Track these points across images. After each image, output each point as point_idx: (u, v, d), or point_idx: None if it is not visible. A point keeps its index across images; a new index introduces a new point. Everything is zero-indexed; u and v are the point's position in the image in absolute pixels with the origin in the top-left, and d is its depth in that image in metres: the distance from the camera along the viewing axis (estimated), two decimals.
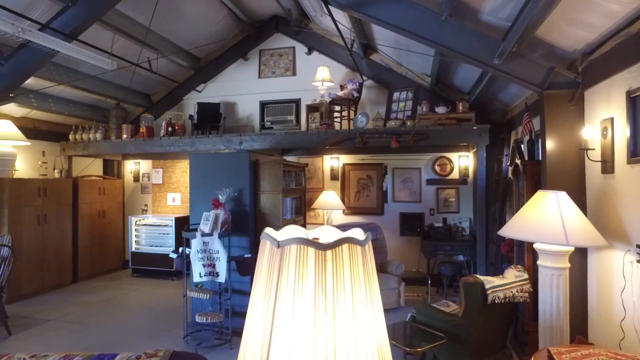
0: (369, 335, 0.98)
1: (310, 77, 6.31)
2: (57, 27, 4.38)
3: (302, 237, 0.98)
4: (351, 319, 0.95)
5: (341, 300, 0.95)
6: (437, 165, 6.39)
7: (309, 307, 0.92)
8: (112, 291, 6.19)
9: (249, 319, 1.03)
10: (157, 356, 1.48)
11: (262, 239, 1.04)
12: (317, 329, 0.92)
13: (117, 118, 6.72)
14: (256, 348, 0.97)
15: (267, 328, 0.96)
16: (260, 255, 1.04)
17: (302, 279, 0.94)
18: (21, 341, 4.27)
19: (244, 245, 4.13)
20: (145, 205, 7.63)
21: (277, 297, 0.96)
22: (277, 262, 0.98)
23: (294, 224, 3.94)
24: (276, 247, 0.98)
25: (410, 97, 5.68)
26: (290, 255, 0.95)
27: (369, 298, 1.00)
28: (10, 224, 5.54)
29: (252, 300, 1.03)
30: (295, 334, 0.92)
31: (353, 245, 0.99)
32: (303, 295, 0.93)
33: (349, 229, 1.21)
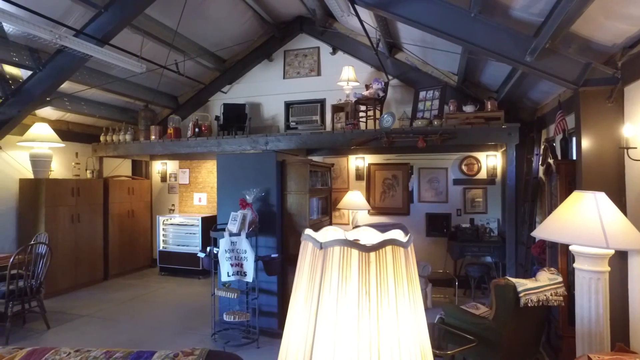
0: (412, 338, 0.97)
1: (335, 77, 6.31)
2: (90, 33, 4.52)
3: (345, 239, 0.97)
4: (395, 322, 0.94)
5: (385, 303, 0.94)
6: (464, 165, 6.27)
7: (352, 309, 0.92)
8: (141, 289, 6.34)
9: (290, 319, 1.03)
10: (193, 355, 1.50)
11: (304, 240, 1.04)
12: (361, 331, 0.92)
13: (146, 119, 6.87)
14: (298, 349, 0.97)
15: (309, 329, 0.96)
16: (302, 257, 1.04)
17: (346, 280, 0.93)
18: (58, 335, 4.43)
19: (270, 245, 4.16)
20: (172, 205, 7.78)
21: (320, 299, 0.96)
22: (319, 264, 0.97)
23: (320, 224, 3.97)
24: (318, 249, 0.98)
25: (436, 96, 5.61)
26: (334, 257, 0.95)
27: (412, 300, 0.99)
28: (47, 222, 5.74)
29: (293, 301, 1.04)
30: (339, 335, 0.92)
31: (396, 247, 0.98)
32: (347, 297, 0.93)
33: (385, 230, 1.20)
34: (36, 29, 3.89)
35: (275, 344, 4.11)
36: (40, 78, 4.98)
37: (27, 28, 3.83)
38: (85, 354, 1.52)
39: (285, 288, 4.29)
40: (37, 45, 5.01)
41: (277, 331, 4.23)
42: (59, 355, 1.50)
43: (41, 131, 5.78)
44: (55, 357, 1.49)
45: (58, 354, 1.50)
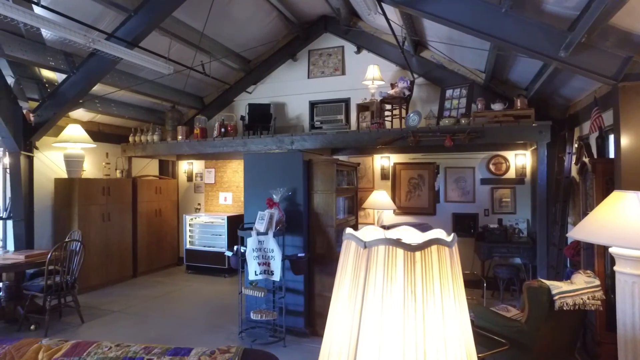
0: (458, 340, 0.95)
1: (359, 76, 6.28)
2: (121, 36, 4.64)
3: (390, 238, 0.96)
4: (441, 323, 0.92)
5: (430, 303, 0.92)
6: (492, 164, 6.15)
7: (398, 309, 0.91)
8: (168, 286, 6.46)
9: (332, 318, 1.03)
10: (230, 352, 1.51)
11: (346, 239, 1.03)
12: (406, 331, 0.91)
13: (173, 120, 7.00)
14: (342, 348, 0.97)
15: (354, 328, 0.95)
16: (345, 256, 1.03)
17: (391, 280, 0.92)
18: (92, 329, 4.56)
19: (297, 244, 4.17)
20: (198, 204, 7.91)
21: (365, 298, 0.95)
22: (363, 263, 0.97)
23: (346, 224, 3.94)
24: (362, 248, 0.97)
25: (464, 94, 5.51)
26: (378, 256, 0.94)
27: (457, 301, 0.98)
28: (80, 220, 5.93)
29: (335, 300, 1.03)
30: (384, 335, 0.91)
31: (441, 247, 0.96)
32: (392, 297, 0.92)
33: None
34: (71, 34, 4.02)
35: (302, 343, 4.13)
36: (74, 81, 5.14)
37: (64, 33, 3.96)
38: (125, 348, 1.55)
39: (312, 287, 4.30)
40: (71, 50, 5.17)
41: (303, 330, 4.24)
42: (101, 349, 1.54)
43: (74, 132, 5.97)
44: (97, 350, 1.53)
45: (100, 348, 1.54)
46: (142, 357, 1.48)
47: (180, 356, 1.48)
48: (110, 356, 1.49)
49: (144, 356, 1.49)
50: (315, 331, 4.29)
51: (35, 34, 4.77)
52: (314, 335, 4.28)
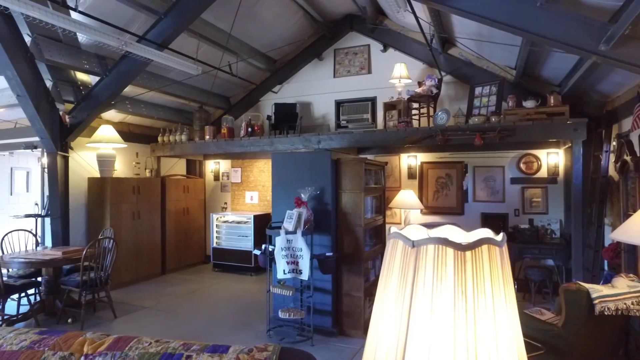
0: (510, 342, 0.92)
1: (385, 74, 6.22)
2: (151, 38, 4.74)
3: (440, 237, 0.94)
4: (492, 325, 0.90)
5: (482, 304, 0.90)
6: (523, 163, 5.98)
7: (448, 309, 0.88)
8: (196, 284, 6.57)
9: (378, 317, 1.01)
10: (267, 351, 1.51)
11: (393, 238, 1.02)
12: (457, 332, 0.88)
13: (200, 120, 7.12)
14: (389, 347, 0.95)
15: (402, 328, 0.93)
16: (391, 255, 1.01)
17: (441, 280, 0.90)
18: (125, 324, 4.69)
19: (325, 243, 4.16)
20: (225, 203, 8.02)
21: (413, 298, 0.93)
22: (411, 262, 0.95)
23: (374, 223, 3.88)
24: (410, 247, 0.95)
25: (494, 92, 5.38)
26: (427, 255, 0.92)
27: (509, 302, 0.94)
28: (111, 218, 6.10)
29: (381, 299, 1.01)
30: (434, 336, 0.89)
31: (492, 246, 0.93)
32: (442, 297, 0.89)
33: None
34: (105, 37, 4.14)
35: (329, 342, 4.12)
36: (106, 83, 5.29)
37: (98, 37, 4.08)
38: (164, 344, 1.58)
39: (339, 287, 4.28)
40: (104, 53, 5.32)
41: (331, 330, 4.23)
42: (141, 344, 1.56)
43: (106, 133, 6.14)
44: (138, 345, 1.55)
45: (141, 343, 1.57)
46: (182, 354, 1.50)
47: (219, 353, 1.49)
48: (151, 351, 1.52)
49: (183, 352, 1.51)
50: (342, 331, 4.27)
51: (72, 39, 4.93)
52: (341, 335, 4.27)
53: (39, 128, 5.18)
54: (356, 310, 4.22)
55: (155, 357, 1.48)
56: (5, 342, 1.45)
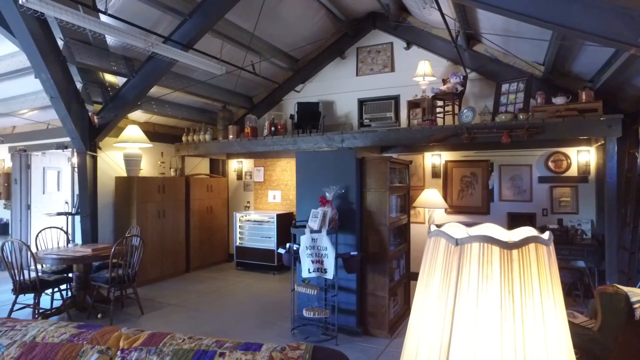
0: (560, 346, 0.89)
1: (409, 72, 6.15)
2: (176, 39, 4.81)
3: (485, 235, 0.91)
4: (541, 327, 0.86)
5: (530, 305, 0.87)
6: (551, 161, 5.81)
7: (494, 310, 0.86)
8: (219, 282, 6.64)
9: (420, 316, 0.99)
10: (300, 349, 1.51)
11: (434, 236, 0.99)
12: (504, 333, 0.85)
13: (224, 120, 7.19)
14: (432, 347, 0.93)
15: (445, 327, 0.91)
16: (432, 253, 0.99)
17: (487, 279, 0.88)
18: (152, 320, 4.78)
19: (349, 242, 4.14)
20: (248, 202, 8.08)
21: (457, 297, 0.90)
22: (455, 261, 0.92)
23: (398, 222, 3.81)
24: (454, 245, 0.93)
25: (521, 89, 5.25)
26: (472, 254, 0.90)
27: (557, 305, 0.91)
28: (138, 217, 6.22)
29: (423, 298, 0.99)
30: (479, 337, 0.86)
31: (539, 245, 0.90)
32: (488, 297, 0.87)
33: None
34: (133, 39, 4.22)
35: (354, 342, 4.10)
36: (133, 84, 5.40)
37: (126, 38, 4.17)
38: (197, 341, 1.59)
39: (364, 286, 4.25)
40: (131, 54, 5.43)
41: (355, 329, 4.21)
42: (175, 340, 1.58)
43: (133, 133, 6.27)
44: (172, 341, 1.57)
45: (174, 339, 1.58)
46: (215, 351, 1.51)
47: (251, 351, 1.49)
48: (185, 348, 1.53)
49: (216, 350, 1.51)
50: (367, 330, 4.25)
51: (101, 41, 5.06)
52: (366, 335, 4.24)
53: (70, 128, 5.34)
54: (381, 310, 4.19)
55: (189, 353, 1.49)
56: (47, 335, 1.49)
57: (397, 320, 4.51)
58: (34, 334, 1.52)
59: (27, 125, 7.24)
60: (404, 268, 4.86)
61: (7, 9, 3.91)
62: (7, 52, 5.29)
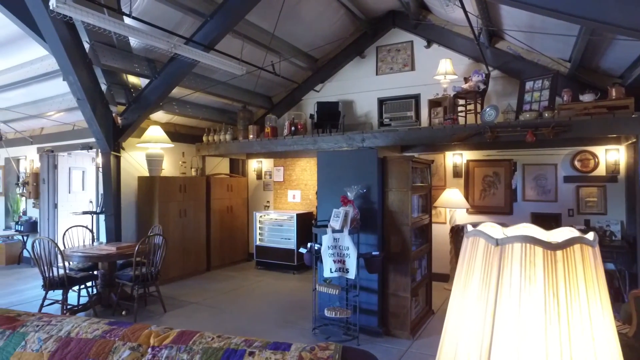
0: (609, 351, 0.86)
1: (429, 71, 6.08)
2: (198, 40, 4.86)
3: (527, 235, 0.89)
4: (589, 331, 0.83)
5: (576, 308, 0.84)
6: (578, 160, 5.66)
7: (538, 312, 0.83)
8: (240, 281, 6.69)
9: (458, 316, 0.97)
10: (329, 349, 1.50)
11: (473, 236, 0.97)
12: (549, 337, 0.83)
13: (244, 120, 7.24)
14: (471, 348, 0.91)
15: (486, 329, 0.89)
16: (471, 253, 0.97)
17: (530, 280, 0.85)
18: (174, 318, 4.85)
19: (371, 242, 4.11)
20: (268, 202, 8.12)
21: (498, 299, 0.88)
22: (495, 261, 0.90)
23: (420, 222, 3.75)
24: (494, 245, 0.91)
25: (546, 86, 5.13)
26: (514, 255, 0.87)
27: (605, 308, 0.88)
28: (160, 216, 6.32)
29: (462, 299, 0.97)
30: (523, 340, 0.84)
31: (585, 246, 0.87)
32: (531, 299, 0.84)
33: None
34: (156, 40, 4.28)
35: (375, 342, 4.07)
36: (155, 85, 5.48)
37: (150, 40, 4.23)
38: (226, 340, 1.59)
39: (386, 287, 4.22)
40: (153, 56, 5.52)
41: (377, 330, 4.18)
42: (204, 338, 1.59)
43: (155, 133, 6.37)
44: (201, 340, 1.58)
45: (204, 338, 1.59)
46: (244, 350, 1.51)
47: (281, 350, 1.49)
48: (214, 346, 1.54)
49: (245, 348, 1.52)
50: (388, 331, 4.21)
51: (124, 43, 5.15)
52: (387, 335, 4.21)
53: (95, 129, 5.45)
54: (402, 311, 4.15)
55: (219, 352, 1.50)
56: (81, 330, 1.52)
57: (418, 321, 4.46)
58: (68, 329, 1.55)
59: (54, 126, 7.44)
60: (426, 269, 4.81)
61: (38, 15, 4.02)
62: (37, 56, 5.46)
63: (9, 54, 5.56)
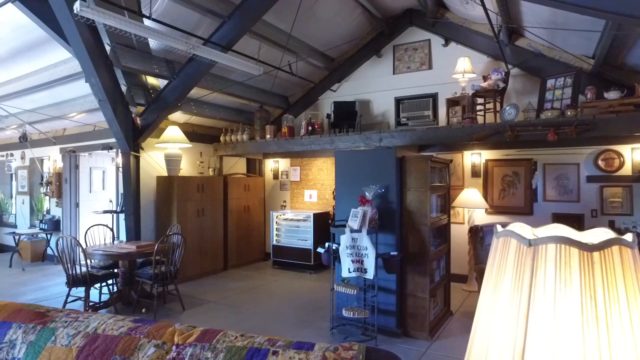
0: None
1: (447, 69, 6.01)
2: (216, 41, 4.90)
3: (562, 236, 0.87)
4: (630, 336, 0.81)
5: (615, 312, 0.81)
6: (602, 159, 5.52)
7: (575, 316, 0.81)
8: (257, 280, 6.73)
9: (488, 317, 0.95)
10: (352, 350, 1.49)
11: (504, 236, 0.95)
12: (586, 341, 0.80)
13: (261, 120, 7.28)
14: (503, 350, 0.89)
15: (519, 332, 0.87)
16: (502, 254, 0.95)
17: (565, 282, 0.83)
18: (193, 317, 4.90)
19: (389, 242, 4.09)
20: (284, 202, 8.15)
21: (531, 301, 0.86)
22: (528, 262, 0.88)
23: (439, 222, 3.70)
24: (526, 246, 0.89)
25: (568, 84, 5.02)
26: (548, 256, 0.85)
27: None
28: (178, 215, 6.39)
29: (493, 300, 0.95)
30: (558, 343, 0.81)
31: (624, 248, 0.84)
32: (567, 301, 0.82)
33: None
34: (175, 42, 4.33)
35: (393, 343, 4.04)
36: (174, 86, 5.55)
37: (169, 41, 4.28)
38: (250, 338, 1.60)
39: (404, 287, 4.19)
40: (172, 57, 5.59)
41: (395, 330, 4.15)
42: (228, 337, 1.60)
43: (173, 133, 6.45)
44: (225, 338, 1.59)
45: (227, 336, 1.60)
46: (268, 349, 1.51)
47: (304, 350, 1.49)
48: (238, 345, 1.54)
49: (269, 348, 1.52)
50: (407, 332, 4.18)
51: (144, 45, 5.23)
52: (405, 336, 4.18)
53: (115, 130, 5.55)
54: (421, 312, 4.11)
55: (243, 350, 1.51)
56: (107, 327, 1.54)
57: (437, 322, 4.41)
58: (95, 325, 1.58)
59: (76, 127, 7.61)
60: (444, 269, 4.75)
61: (63, 18, 4.12)
62: (60, 58, 5.59)
63: (35, 58, 5.71)
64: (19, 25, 4.88)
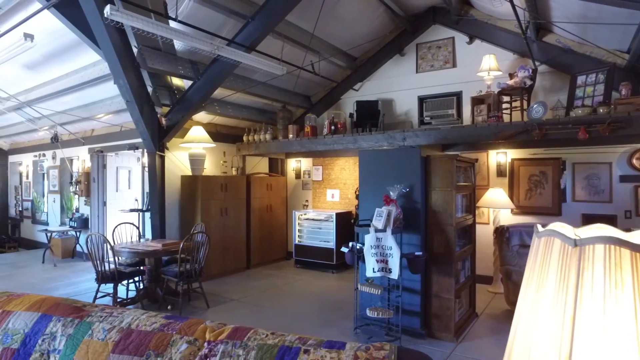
0: None
1: (471, 67, 5.91)
2: (239, 41, 4.95)
3: (611, 236, 0.83)
4: None
5: None
6: (636, 158, 5.33)
7: (627, 320, 0.78)
8: (279, 279, 6.76)
9: (530, 319, 0.93)
10: (384, 349, 1.48)
11: (546, 236, 0.93)
12: None
13: (284, 119, 7.31)
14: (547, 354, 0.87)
15: (564, 335, 0.84)
16: (544, 255, 0.92)
17: (616, 284, 0.80)
18: (217, 314, 4.96)
19: (414, 242, 4.04)
20: (306, 201, 8.17)
21: (578, 303, 0.83)
22: (573, 263, 0.85)
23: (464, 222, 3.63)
24: (571, 246, 0.86)
25: (601, 80, 4.86)
26: (595, 257, 0.82)
27: None
28: (202, 214, 6.49)
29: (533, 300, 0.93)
30: (609, 347, 0.78)
31: None
32: (618, 305, 0.79)
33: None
34: (200, 43, 4.40)
35: (418, 343, 4.00)
36: (198, 86, 5.63)
37: (194, 42, 4.36)
38: (280, 337, 1.60)
39: (429, 287, 4.14)
40: (196, 58, 5.67)
41: (419, 331, 4.11)
42: (258, 335, 1.61)
43: (197, 133, 6.54)
44: (256, 336, 1.60)
45: (258, 334, 1.61)
46: (299, 347, 1.51)
47: (336, 349, 1.49)
48: (269, 343, 1.55)
49: (300, 346, 1.52)
50: (431, 333, 4.13)
51: (169, 46, 5.32)
52: (430, 337, 4.13)
53: (142, 130, 5.67)
54: (446, 313, 4.05)
55: (274, 348, 1.51)
56: (140, 323, 1.57)
57: (462, 323, 4.34)
58: (129, 321, 1.61)
59: (104, 128, 7.81)
60: (469, 270, 4.68)
61: (94, 22, 4.24)
62: (90, 61, 5.75)
63: (67, 61, 5.90)
64: (53, 30, 5.05)
